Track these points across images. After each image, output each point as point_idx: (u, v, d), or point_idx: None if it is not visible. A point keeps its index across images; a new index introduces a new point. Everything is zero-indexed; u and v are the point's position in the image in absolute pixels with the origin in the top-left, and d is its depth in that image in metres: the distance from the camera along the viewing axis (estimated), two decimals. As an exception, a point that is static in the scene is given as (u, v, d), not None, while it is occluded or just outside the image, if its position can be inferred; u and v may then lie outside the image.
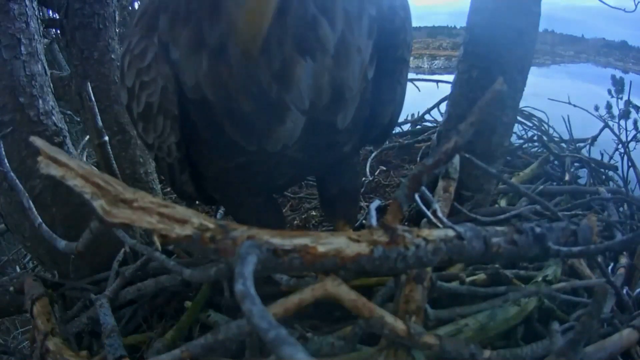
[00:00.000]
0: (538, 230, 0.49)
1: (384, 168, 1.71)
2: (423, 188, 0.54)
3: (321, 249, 0.42)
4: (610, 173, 1.57)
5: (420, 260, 0.45)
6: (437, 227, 0.50)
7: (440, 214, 0.51)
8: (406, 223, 1.06)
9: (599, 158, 1.64)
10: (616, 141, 1.61)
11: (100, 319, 0.76)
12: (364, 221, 1.12)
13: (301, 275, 0.74)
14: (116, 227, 0.40)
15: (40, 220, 0.81)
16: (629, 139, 1.64)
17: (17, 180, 0.83)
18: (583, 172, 1.55)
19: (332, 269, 0.44)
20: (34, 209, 0.83)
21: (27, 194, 0.83)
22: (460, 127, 0.42)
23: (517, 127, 1.76)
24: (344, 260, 0.43)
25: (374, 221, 0.46)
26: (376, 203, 0.48)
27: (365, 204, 1.33)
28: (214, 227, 0.41)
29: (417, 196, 0.53)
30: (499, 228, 0.50)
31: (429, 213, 0.54)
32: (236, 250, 0.39)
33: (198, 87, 0.62)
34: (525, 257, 0.50)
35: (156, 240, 0.40)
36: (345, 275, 0.78)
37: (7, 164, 0.86)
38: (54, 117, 1.05)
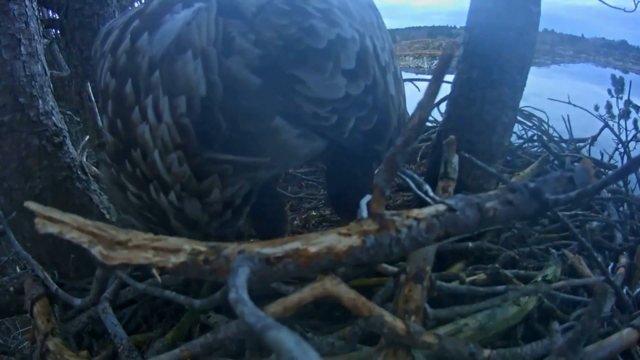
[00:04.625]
0: (532, 185, 0.46)
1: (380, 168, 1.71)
2: (411, 172, 0.53)
3: (313, 249, 0.42)
4: (610, 173, 1.56)
5: (415, 240, 0.44)
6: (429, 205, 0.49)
7: (431, 193, 0.49)
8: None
9: (599, 158, 1.63)
10: (616, 141, 1.61)
11: (109, 330, 0.76)
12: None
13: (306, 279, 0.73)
14: (117, 269, 0.42)
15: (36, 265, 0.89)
16: (629, 138, 1.64)
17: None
18: (583, 172, 1.54)
19: (328, 266, 0.44)
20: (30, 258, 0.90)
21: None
22: (421, 101, 0.41)
23: (517, 127, 1.76)
24: (338, 256, 0.43)
25: (365, 214, 0.46)
26: (367, 197, 0.47)
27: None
28: (205, 249, 0.42)
29: (409, 181, 0.52)
30: (491, 192, 0.48)
31: (420, 192, 0.52)
32: (229, 267, 0.40)
33: None
34: (524, 215, 0.47)
35: (155, 273, 0.42)
36: (346, 271, 0.78)
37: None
38: (54, 117, 1.05)
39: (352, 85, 0.70)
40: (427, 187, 0.52)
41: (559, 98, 1.83)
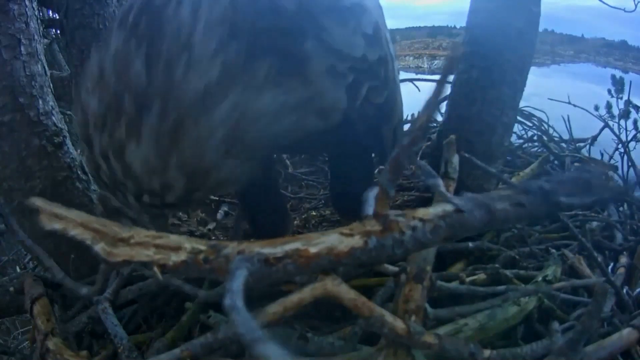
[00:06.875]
0: (547, 186, 0.44)
1: (383, 167, 1.71)
2: (424, 164, 0.52)
3: (313, 250, 0.42)
4: (610, 173, 1.57)
5: (418, 242, 0.43)
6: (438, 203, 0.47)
7: (442, 189, 0.47)
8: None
9: (599, 158, 1.63)
10: (616, 141, 1.61)
11: (109, 330, 0.76)
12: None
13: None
14: (119, 265, 0.43)
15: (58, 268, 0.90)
16: (629, 138, 1.65)
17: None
18: (583, 172, 1.54)
19: (329, 267, 0.43)
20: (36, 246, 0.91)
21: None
22: (427, 101, 0.40)
23: (517, 127, 1.76)
24: (338, 257, 0.42)
25: (370, 210, 0.44)
26: (375, 191, 0.45)
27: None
28: (205, 248, 0.42)
29: (421, 171, 0.51)
30: (502, 192, 0.47)
31: (435, 185, 0.51)
32: (229, 267, 0.40)
33: None
34: (534, 217, 0.47)
35: (156, 270, 0.43)
36: (346, 271, 0.78)
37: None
38: (54, 117, 1.05)
39: (369, 49, 0.72)
40: (439, 182, 0.49)
41: (559, 98, 1.83)
